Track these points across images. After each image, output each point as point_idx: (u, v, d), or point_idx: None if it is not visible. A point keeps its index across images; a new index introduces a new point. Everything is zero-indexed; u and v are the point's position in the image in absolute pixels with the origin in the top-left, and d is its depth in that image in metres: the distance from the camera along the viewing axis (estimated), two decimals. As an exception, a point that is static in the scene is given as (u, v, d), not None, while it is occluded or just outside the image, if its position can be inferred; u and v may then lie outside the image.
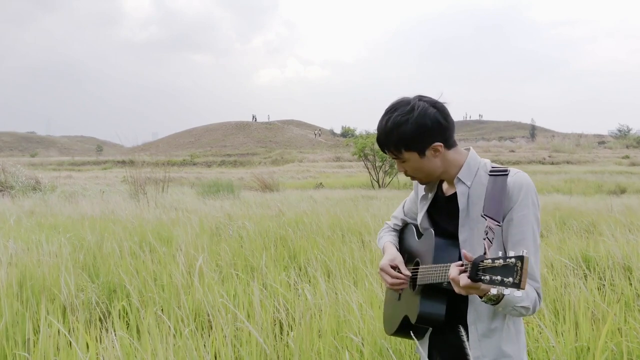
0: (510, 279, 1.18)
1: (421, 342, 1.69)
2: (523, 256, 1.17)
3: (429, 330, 1.65)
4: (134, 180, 13.56)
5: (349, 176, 33.59)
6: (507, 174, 1.48)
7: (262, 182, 19.06)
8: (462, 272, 1.31)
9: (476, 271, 1.25)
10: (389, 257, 1.71)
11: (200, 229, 6.65)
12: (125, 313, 3.57)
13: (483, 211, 1.45)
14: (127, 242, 5.57)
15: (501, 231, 1.47)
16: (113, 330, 2.77)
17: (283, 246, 5.70)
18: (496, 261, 1.21)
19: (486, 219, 1.43)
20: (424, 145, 1.50)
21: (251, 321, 2.89)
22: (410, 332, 1.69)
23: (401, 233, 1.90)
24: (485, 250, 1.34)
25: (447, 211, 1.60)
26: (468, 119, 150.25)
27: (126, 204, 10.89)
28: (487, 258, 1.24)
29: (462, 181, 1.54)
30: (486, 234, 1.40)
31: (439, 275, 1.45)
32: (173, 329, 2.83)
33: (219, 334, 2.66)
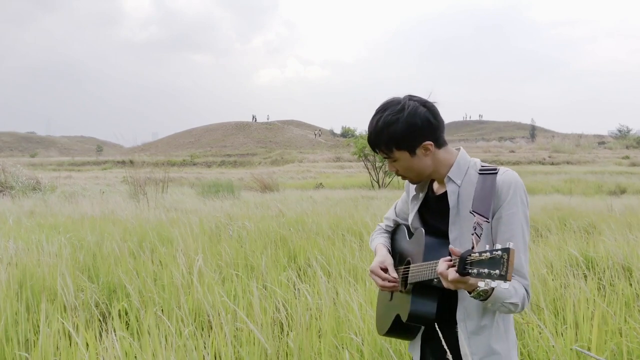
0: (497, 271, 1.19)
1: (414, 341, 1.70)
2: (509, 248, 1.18)
3: (421, 329, 1.66)
4: (134, 180, 13.56)
5: (349, 176, 33.59)
6: (497, 173, 1.50)
7: (262, 183, 19.06)
8: (451, 267, 1.32)
9: (464, 265, 1.26)
10: (379, 259, 1.73)
11: (200, 229, 6.65)
12: (125, 313, 3.57)
13: (472, 207, 1.46)
14: (127, 243, 5.57)
15: (490, 228, 1.49)
16: (113, 330, 2.77)
17: (283, 246, 5.71)
18: (483, 254, 1.22)
19: (475, 215, 1.44)
20: (415, 144, 1.51)
21: (251, 321, 2.88)
22: (402, 332, 1.71)
23: (393, 234, 1.91)
24: (473, 245, 1.36)
25: (438, 210, 1.61)
26: (468, 119, 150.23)
27: (126, 204, 10.89)
28: (475, 252, 1.26)
29: (453, 180, 1.55)
30: (474, 229, 1.41)
31: (430, 272, 1.46)
32: (173, 330, 2.83)
33: (219, 334, 2.66)
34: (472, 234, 1.40)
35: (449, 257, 1.35)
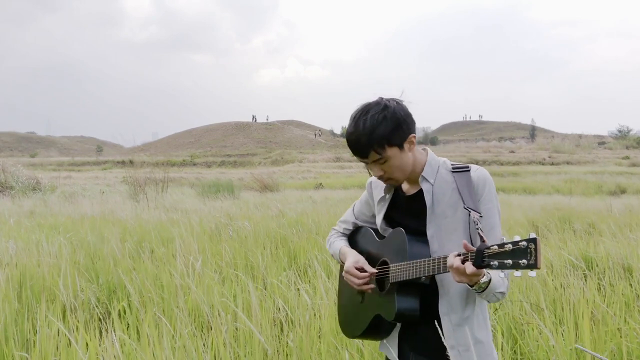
0: (524, 261, 1.23)
1: (389, 340, 1.71)
2: (535, 238, 1.23)
3: (397, 327, 1.67)
4: (134, 180, 13.57)
5: (349, 176, 33.58)
6: (469, 170, 1.58)
7: (262, 183, 19.06)
8: (465, 261, 1.36)
9: (482, 258, 1.31)
10: (353, 259, 1.72)
11: (200, 230, 6.65)
12: (125, 313, 3.57)
13: (464, 204, 1.50)
14: (127, 243, 5.58)
15: (469, 222, 1.55)
16: (113, 330, 2.77)
17: (283, 246, 5.71)
18: (505, 246, 1.27)
19: (470, 212, 1.49)
20: (403, 138, 1.54)
21: (251, 321, 2.88)
22: (378, 332, 1.71)
23: (354, 237, 1.90)
24: (483, 239, 1.38)
25: (410, 210, 1.65)
26: (468, 119, 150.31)
27: (126, 205, 10.90)
28: (493, 245, 1.30)
29: (427, 179, 1.60)
30: (475, 225, 1.45)
31: (418, 270, 1.49)
32: (173, 330, 2.83)
33: (219, 335, 2.65)
34: (477, 229, 1.43)
35: (458, 252, 1.39)
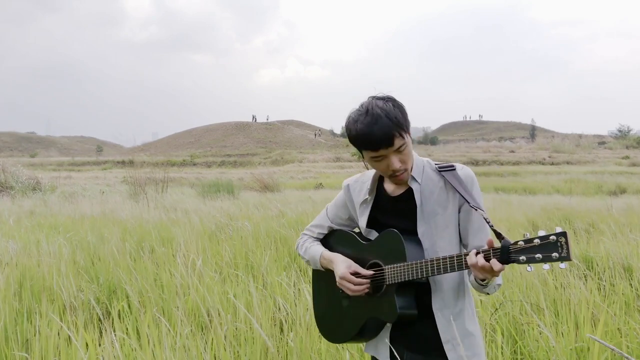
0: (555, 254, 1.27)
1: (375, 341, 1.69)
2: (565, 232, 1.27)
3: (386, 327, 1.66)
4: (134, 180, 13.58)
5: (349, 177, 33.53)
6: (455, 169, 1.61)
7: (262, 183, 19.05)
8: (487, 258, 1.38)
9: (508, 254, 1.34)
10: (345, 265, 1.67)
11: (200, 230, 6.65)
12: (125, 313, 3.57)
13: (470, 204, 1.52)
14: (127, 243, 5.58)
15: (458, 219, 1.59)
16: (113, 330, 2.77)
17: (283, 246, 5.70)
18: (534, 241, 1.31)
19: (476, 210, 1.51)
20: (409, 127, 1.57)
21: (251, 321, 2.88)
22: (368, 334, 1.69)
23: (326, 241, 1.86)
24: (501, 235, 1.40)
25: (395, 211, 1.65)
26: (468, 119, 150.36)
27: (126, 204, 10.90)
28: (519, 241, 1.34)
29: (415, 179, 1.61)
30: (488, 222, 1.47)
31: (420, 270, 1.49)
32: (172, 330, 2.83)
33: (219, 335, 2.65)
34: (491, 226, 1.45)
35: (477, 250, 1.41)
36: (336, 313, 1.77)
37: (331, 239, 1.84)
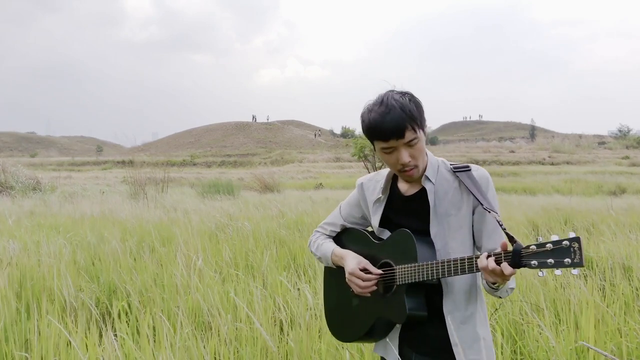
0: (568, 260, 1.25)
1: (384, 342, 1.68)
2: (579, 237, 1.24)
3: (396, 328, 1.65)
4: (134, 180, 13.58)
5: (349, 176, 33.59)
6: (470, 170, 1.59)
7: (262, 183, 19.05)
8: (498, 262, 1.36)
9: (520, 258, 1.32)
10: (355, 261, 1.67)
11: (200, 229, 6.65)
12: (125, 314, 3.57)
13: (483, 206, 1.49)
14: (127, 242, 5.58)
15: (472, 221, 1.56)
16: (113, 330, 2.77)
17: (283, 246, 5.70)
18: (547, 245, 1.29)
19: (489, 212, 1.48)
20: (424, 124, 1.55)
21: (252, 321, 2.88)
22: (377, 335, 1.68)
23: (339, 239, 1.86)
24: (514, 239, 1.38)
25: (409, 210, 1.63)
26: (468, 119, 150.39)
27: (126, 204, 10.90)
28: (531, 245, 1.32)
29: (429, 179, 1.59)
30: (501, 225, 1.44)
31: (431, 271, 1.48)
32: (173, 330, 2.83)
33: (220, 334, 2.66)
34: (503, 229, 1.43)
35: (487, 253, 1.39)
36: (346, 312, 1.77)
37: (344, 238, 1.84)
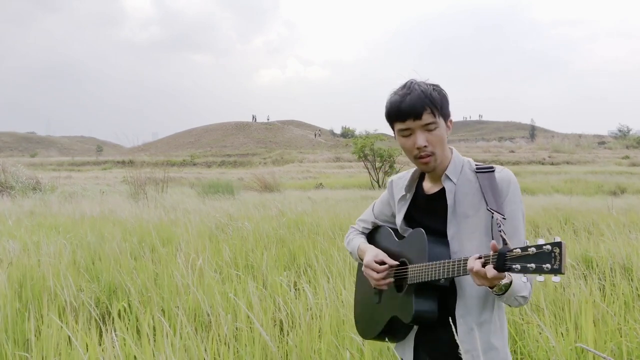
0: (548, 265, 1.19)
1: (403, 343, 1.68)
2: (561, 242, 1.18)
3: (413, 330, 1.64)
4: (134, 180, 13.57)
5: (349, 176, 33.58)
6: (494, 171, 1.54)
7: (263, 183, 19.05)
8: (485, 264, 1.32)
9: (504, 261, 1.27)
10: (373, 253, 1.69)
11: (200, 229, 6.65)
12: (125, 313, 3.57)
13: (488, 206, 1.47)
14: (127, 242, 5.58)
15: (491, 224, 1.50)
16: (113, 330, 2.77)
17: (283, 246, 5.71)
18: (529, 249, 1.23)
19: (493, 213, 1.46)
20: (447, 113, 1.54)
21: (251, 321, 2.88)
22: (394, 334, 1.68)
23: (372, 236, 1.88)
24: (505, 241, 1.35)
25: (429, 209, 1.61)
26: (468, 119, 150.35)
27: (126, 204, 10.90)
28: (515, 248, 1.26)
29: (450, 178, 1.56)
30: (498, 227, 1.41)
31: (437, 272, 1.45)
32: (173, 330, 2.83)
33: (220, 334, 2.66)
34: (499, 231, 1.39)
35: (479, 255, 1.36)
36: (368, 309, 1.79)
37: (375, 234, 1.86)
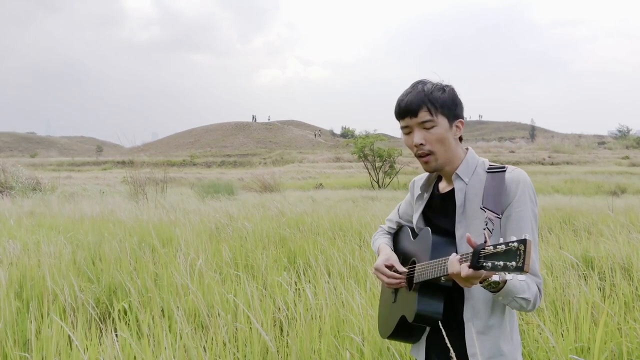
0: (513, 263, 1.16)
1: (418, 344, 1.67)
2: (525, 239, 1.16)
3: (426, 331, 1.63)
4: (134, 180, 13.57)
5: (349, 177, 33.59)
6: (505, 171, 1.51)
7: (263, 183, 19.06)
8: (463, 263, 1.30)
9: (477, 259, 1.24)
10: (384, 257, 1.71)
11: (200, 230, 6.65)
12: (125, 314, 3.57)
13: (482, 203, 1.45)
14: (127, 243, 5.58)
15: (500, 225, 1.48)
16: (113, 330, 2.77)
17: (283, 246, 5.70)
18: (498, 247, 1.20)
19: (485, 211, 1.44)
20: (455, 115, 1.54)
21: (251, 321, 2.88)
22: (407, 334, 1.67)
23: (396, 236, 1.90)
24: (485, 239, 1.34)
25: (442, 209, 1.61)
26: (468, 120, 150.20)
27: (126, 205, 10.90)
28: (489, 245, 1.24)
29: (461, 177, 1.55)
30: (486, 225, 1.40)
31: (436, 270, 1.44)
32: (172, 330, 2.83)
33: (220, 334, 2.66)
34: (484, 229, 1.38)
35: (460, 254, 1.33)
36: (387, 308, 1.81)
37: (399, 234, 1.89)
